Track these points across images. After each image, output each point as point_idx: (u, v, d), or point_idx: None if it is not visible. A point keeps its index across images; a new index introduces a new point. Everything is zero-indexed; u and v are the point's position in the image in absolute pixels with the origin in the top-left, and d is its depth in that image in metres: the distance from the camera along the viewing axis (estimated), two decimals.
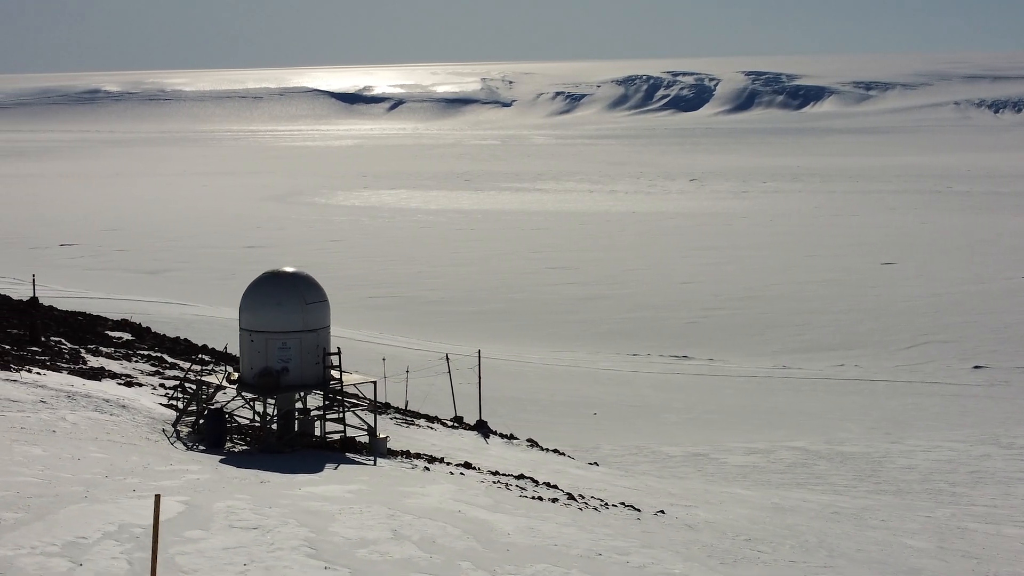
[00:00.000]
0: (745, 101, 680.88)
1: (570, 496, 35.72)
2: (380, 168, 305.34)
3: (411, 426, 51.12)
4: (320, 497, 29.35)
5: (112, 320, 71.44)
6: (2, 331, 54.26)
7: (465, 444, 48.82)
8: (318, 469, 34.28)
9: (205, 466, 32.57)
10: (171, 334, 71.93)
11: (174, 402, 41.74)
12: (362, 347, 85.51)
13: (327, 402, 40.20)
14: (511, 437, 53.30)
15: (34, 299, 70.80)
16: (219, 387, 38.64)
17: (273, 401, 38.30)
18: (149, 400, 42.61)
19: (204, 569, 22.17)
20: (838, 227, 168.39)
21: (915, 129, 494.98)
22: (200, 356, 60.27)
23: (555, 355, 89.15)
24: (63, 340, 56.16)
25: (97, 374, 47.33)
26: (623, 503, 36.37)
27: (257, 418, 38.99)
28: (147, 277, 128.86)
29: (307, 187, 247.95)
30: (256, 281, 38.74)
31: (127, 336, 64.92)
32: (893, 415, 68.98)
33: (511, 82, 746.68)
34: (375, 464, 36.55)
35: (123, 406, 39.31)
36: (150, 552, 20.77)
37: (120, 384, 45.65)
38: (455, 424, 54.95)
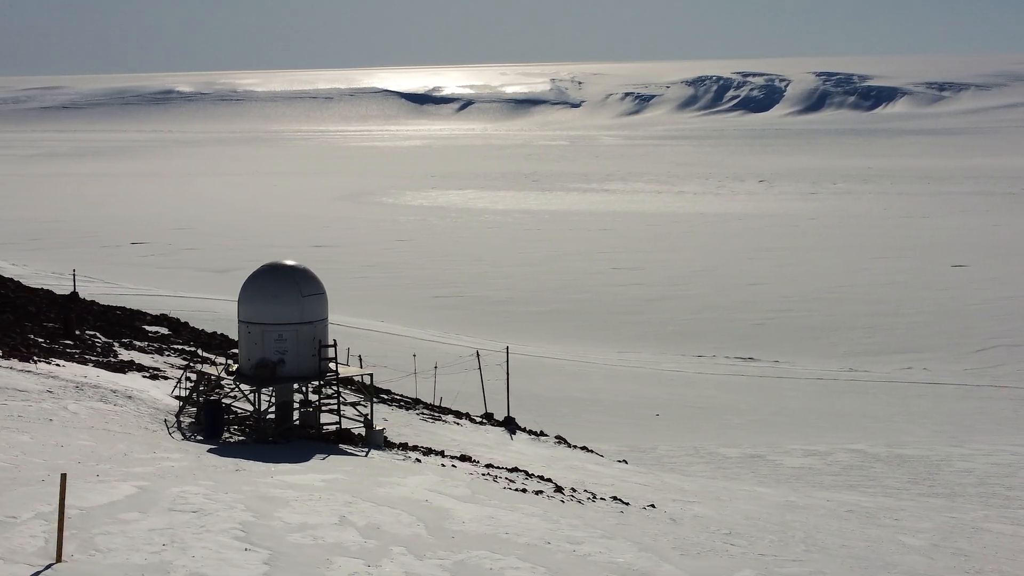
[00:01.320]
0: (816, 102, 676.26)
1: (559, 489, 35.49)
2: (448, 168, 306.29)
3: (437, 422, 51.31)
4: (288, 485, 29.33)
5: (151, 315, 72.16)
6: (39, 324, 55.30)
7: (487, 440, 48.85)
8: (304, 459, 34.26)
9: (188, 455, 32.66)
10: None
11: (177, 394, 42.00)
12: (425, 346, 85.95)
13: (320, 394, 40.19)
14: (539, 434, 53.31)
15: (74, 294, 71.66)
16: (219, 379, 38.90)
17: (271, 392, 38.64)
18: (161, 392, 42.86)
19: (120, 548, 22.18)
20: (908, 229, 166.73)
21: (989, 130, 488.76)
22: (220, 349, 60.71)
23: (619, 356, 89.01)
24: (98, 334, 57.04)
25: (124, 367, 47.87)
26: (616, 497, 36.09)
27: (260, 409, 39.17)
28: (215, 276, 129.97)
29: (375, 187, 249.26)
30: (254, 274, 39.05)
31: (163, 331, 65.67)
32: (959, 419, 68.20)
33: (580, 83, 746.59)
34: (367, 455, 36.53)
35: (129, 397, 39.55)
36: (69, 531, 21.50)
37: (144, 377, 46.04)
38: (483, 420, 55.02)
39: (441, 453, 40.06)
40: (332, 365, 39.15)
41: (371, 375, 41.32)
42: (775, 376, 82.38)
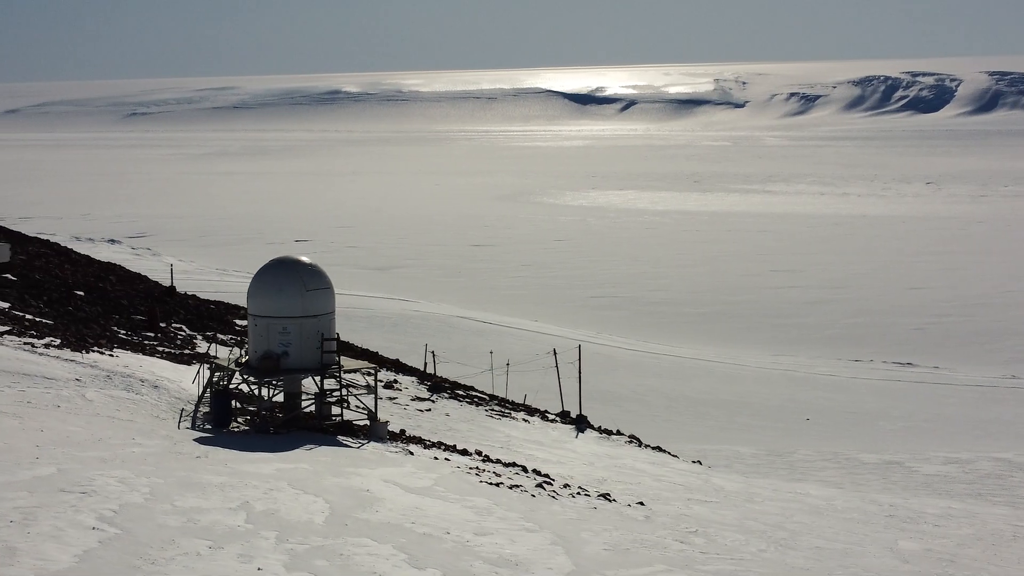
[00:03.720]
0: (988, 102, 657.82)
1: (542, 485, 35.15)
2: (609, 169, 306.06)
3: (504, 418, 51.44)
4: (232, 473, 29.29)
5: (245, 309, 73.21)
6: (126, 317, 57.21)
7: (545, 437, 48.58)
8: (287, 449, 34.43)
9: (168, 442, 32.89)
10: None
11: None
12: (573, 345, 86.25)
13: (320, 387, 40.51)
14: (610, 432, 53.02)
15: (172, 288, 73.31)
16: (228, 370, 39.63)
17: (280, 384, 39.18)
18: (189, 381, 43.28)
19: None
20: None
21: None
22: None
23: (773, 359, 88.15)
24: (184, 327, 58.61)
25: (193, 359, 48.98)
26: (605, 494, 35.57)
27: (262, 400, 39.63)
28: (376, 273, 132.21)
29: (536, 187, 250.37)
30: (262, 268, 39.86)
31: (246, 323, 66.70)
32: None
33: (745, 83, 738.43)
34: (360, 448, 36.65)
35: (156, 386, 40.24)
36: None
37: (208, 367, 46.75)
38: (556, 418, 54.92)
39: (443, 446, 40.09)
40: (351, 360, 39.71)
41: (376, 369, 41.86)
42: (933, 382, 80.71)
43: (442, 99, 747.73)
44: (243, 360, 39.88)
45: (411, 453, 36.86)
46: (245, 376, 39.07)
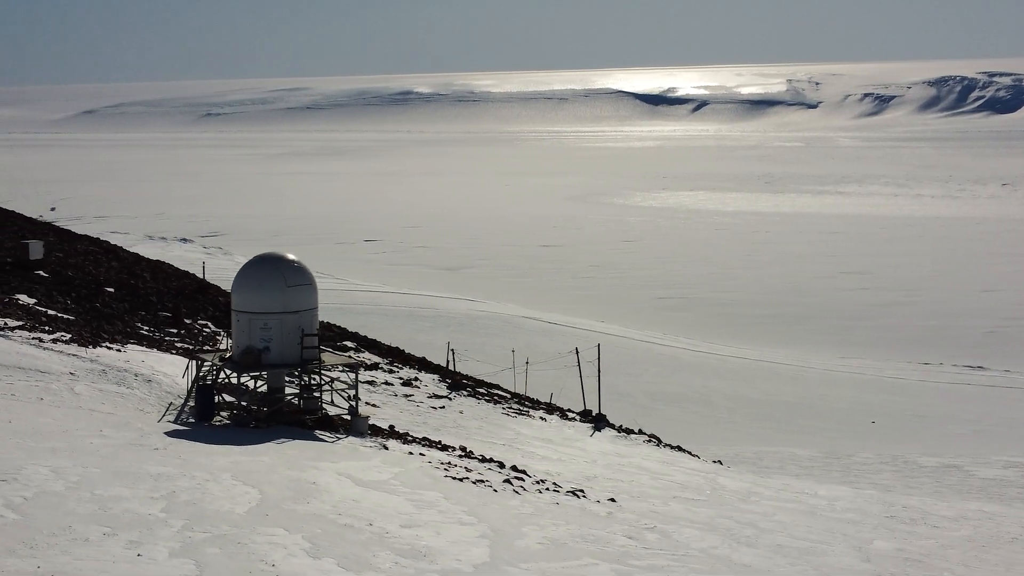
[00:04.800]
0: None
1: (511, 480, 34.76)
2: (680, 169, 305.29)
3: (521, 416, 51.32)
4: (185, 464, 29.15)
5: None
6: (153, 313, 58.04)
7: (557, 435, 48.22)
8: (258, 442, 34.47)
9: (133, 434, 32.84)
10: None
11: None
12: (639, 347, 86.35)
13: (301, 382, 40.63)
14: (629, 431, 52.71)
15: (203, 285, 73.82)
16: (212, 364, 39.90)
17: (264, 378, 39.51)
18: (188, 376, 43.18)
19: None
20: None
21: None
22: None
23: (840, 361, 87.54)
24: (209, 324, 59.28)
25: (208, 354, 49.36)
26: (577, 491, 35.09)
27: (242, 394, 39.86)
28: (445, 273, 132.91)
29: (607, 188, 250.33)
30: (245, 264, 40.05)
31: None
32: None
33: (818, 83, 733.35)
34: (335, 442, 36.60)
35: (149, 380, 40.30)
36: None
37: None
38: (576, 417, 54.82)
39: (427, 442, 39.94)
40: (331, 355, 39.86)
41: (358, 364, 42.00)
42: (1004, 386, 79.75)
43: (513, 100, 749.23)
44: (226, 356, 40.39)
45: (386, 448, 36.79)
46: (227, 371, 39.54)
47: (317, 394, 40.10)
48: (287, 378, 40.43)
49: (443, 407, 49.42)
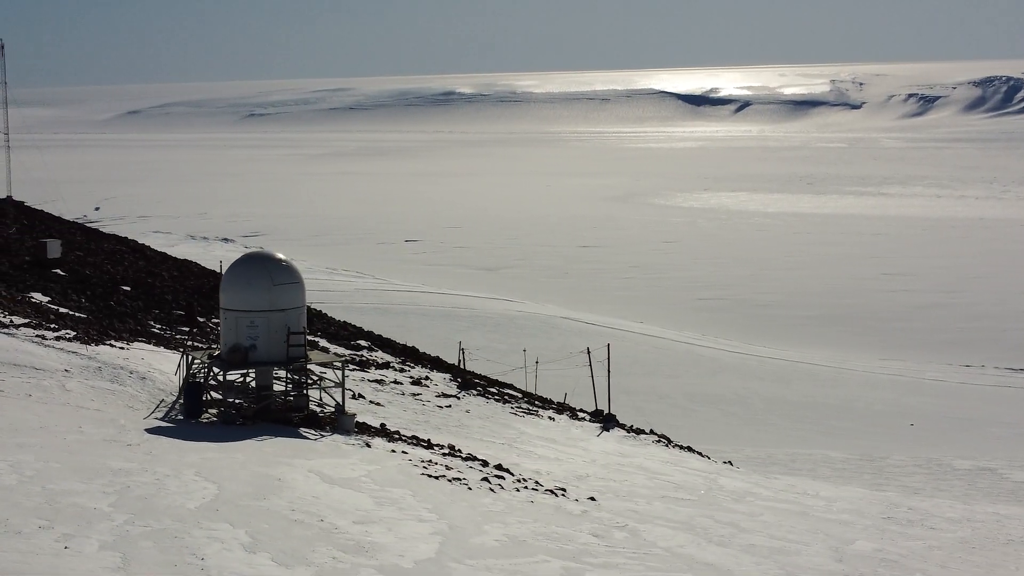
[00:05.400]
0: None
1: (489, 479, 34.46)
2: (722, 170, 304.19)
3: (529, 416, 51.25)
4: (152, 460, 29.03)
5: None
6: (167, 312, 58.42)
7: (560, 434, 48.02)
8: (239, 439, 34.43)
9: (111, 431, 32.76)
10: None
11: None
12: (677, 348, 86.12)
13: (287, 379, 40.59)
14: (638, 431, 52.47)
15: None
16: (201, 362, 40.12)
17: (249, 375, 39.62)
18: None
19: None
20: None
21: None
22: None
23: (881, 363, 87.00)
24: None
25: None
26: (558, 489, 34.83)
27: (230, 391, 39.83)
28: (483, 273, 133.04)
29: (648, 188, 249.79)
30: (233, 263, 40.31)
31: None
32: None
33: (861, 84, 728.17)
34: (318, 439, 36.48)
35: (143, 378, 40.42)
36: None
37: None
38: (586, 416, 54.57)
39: (415, 440, 39.69)
40: (317, 352, 39.84)
41: (343, 361, 41.95)
42: None
43: (555, 100, 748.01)
44: (215, 354, 40.55)
45: (368, 446, 36.70)
46: (215, 368, 39.65)
47: (305, 391, 40.24)
48: (284, 376, 40.61)
49: (449, 406, 49.47)
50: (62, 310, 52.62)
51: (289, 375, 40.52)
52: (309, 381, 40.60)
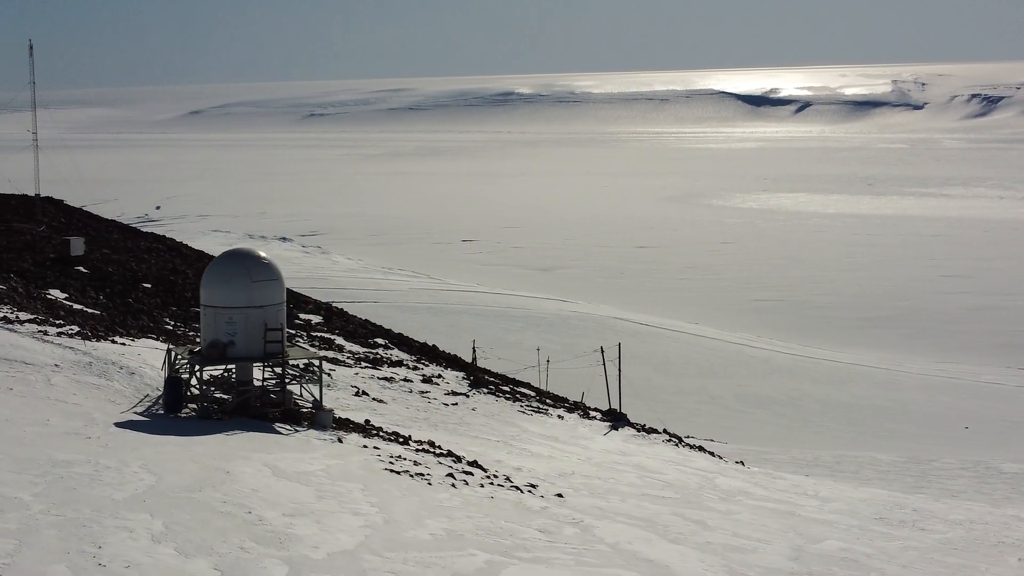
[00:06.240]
0: None
1: (454, 474, 33.99)
2: (781, 171, 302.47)
3: (538, 414, 51.10)
4: (105, 453, 28.86)
5: (313, 303, 73.21)
6: (185, 309, 58.97)
7: (563, 433, 47.76)
8: (208, 433, 34.33)
9: (78, 424, 32.67)
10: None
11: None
12: (728, 348, 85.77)
13: (264, 376, 40.60)
14: (649, 430, 52.14)
15: None
16: (181, 357, 40.33)
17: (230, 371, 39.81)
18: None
19: None
20: None
21: None
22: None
23: (937, 366, 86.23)
24: None
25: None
26: (527, 486, 34.29)
27: (209, 386, 39.91)
28: (538, 274, 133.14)
29: (705, 189, 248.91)
30: (214, 260, 40.43)
31: (315, 319, 67.05)
32: None
33: (923, 84, 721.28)
34: (288, 434, 36.29)
35: (132, 373, 40.72)
36: None
37: None
38: (596, 415, 54.29)
39: (395, 437, 39.53)
40: (299, 348, 39.95)
41: (320, 359, 41.95)
42: None
43: (614, 100, 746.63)
44: (196, 349, 40.89)
45: (340, 441, 36.57)
46: (193, 364, 39.93)
47: (285, 388, 40.43)
48: (274, 373, 40.88)
49: (455, 404, 49.46)
50: (76, 306, 53.26)
51: (273, 371, 40.80)
52: (288, 378, 40.89)
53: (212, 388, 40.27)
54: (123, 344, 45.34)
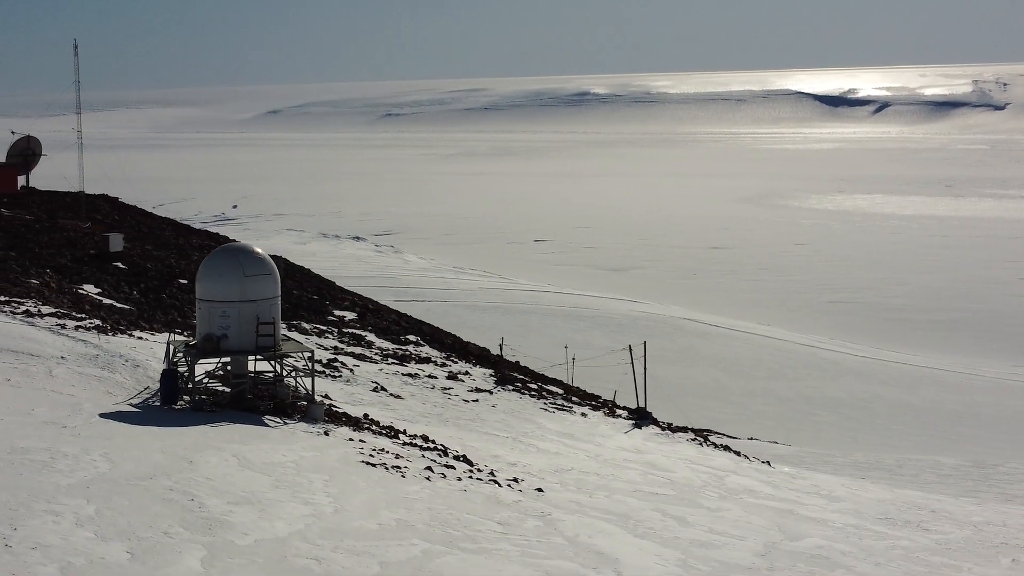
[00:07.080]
0: None
1: (433, 467, 33.67)
2: (858, 172, 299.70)
3: (561, 412, 50.99)
4: (76, 443, 28.82)
5: (351, 299, 73.10)
6: None
7: (582, 431, 47.35)
8: (194, 424, 34.27)
9: (63, 414, 32.62)
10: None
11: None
12: (800, 350, 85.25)
13: (256, 369, 40.90)
14: (673, 429, 51.81)
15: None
16: (176, 350, 40.67)
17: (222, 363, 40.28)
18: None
19: None
20: None
21: None
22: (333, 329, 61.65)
23: (1012, 370, 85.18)
24: None
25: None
26: (506, 481, 33.85)
27: (207, 377, 40.31)
28: (611, 274, 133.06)
29: (780, 190, 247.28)
30: (209, 255, 40.88)
31: (349, 315, 67.14)
32: None
33: (1005, 84, 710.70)
34: (275, 427, 36.30)
35: (136, 366, 41.17)
36: None
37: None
38: (623, 413, 54.04)
39: (390, 431, 39.46)
40: (292, 342, 41.00)
41: (311, 352, 42.11)
42: None
43: (690, 101, 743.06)
44: (192, 343, 41.44)
45: (327, 434, 36.55)
46: (187, 357, 40.42)
47: (281, 382, 40.90)
48: (275, 366, 41.37)
49: (476, 400, 49.54)
50: (106, 301, 54.18)
51: (271, 365, 41.32)
52: (283, 371, 41.43)
53: (208, 380, 40.82)
54: (140, 338, 46.14)
